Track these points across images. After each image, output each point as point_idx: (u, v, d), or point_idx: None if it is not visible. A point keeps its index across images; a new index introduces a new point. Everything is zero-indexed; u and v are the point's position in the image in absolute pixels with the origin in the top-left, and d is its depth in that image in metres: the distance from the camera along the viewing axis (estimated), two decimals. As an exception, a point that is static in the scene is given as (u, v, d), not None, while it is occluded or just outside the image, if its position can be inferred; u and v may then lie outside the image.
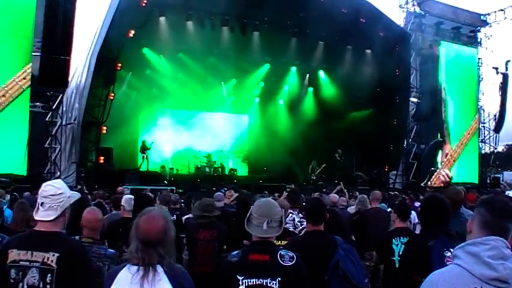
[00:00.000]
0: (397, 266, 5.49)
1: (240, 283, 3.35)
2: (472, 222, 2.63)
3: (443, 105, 28.40)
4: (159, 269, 2.92)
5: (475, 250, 2.41)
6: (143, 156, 23.17)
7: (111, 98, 20.28)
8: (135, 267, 2.91)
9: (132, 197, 7.04)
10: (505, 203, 2.63)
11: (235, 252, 3.55)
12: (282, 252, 3.49)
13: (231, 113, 29.62)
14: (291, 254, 3.50)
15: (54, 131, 20.38)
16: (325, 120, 27.73)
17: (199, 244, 6.38)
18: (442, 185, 25.98)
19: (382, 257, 5.88)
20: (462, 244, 2.50)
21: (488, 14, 32.01)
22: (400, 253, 5.49)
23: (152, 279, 2.86)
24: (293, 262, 3.44)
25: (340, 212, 7.52)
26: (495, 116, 31.57)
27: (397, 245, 5.63)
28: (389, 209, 8.60)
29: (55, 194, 3.47)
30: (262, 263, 3.42)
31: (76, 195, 3.69)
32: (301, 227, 6.53)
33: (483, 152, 32.75)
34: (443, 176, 28.05)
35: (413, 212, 8.38)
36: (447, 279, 2.43)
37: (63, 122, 20.94)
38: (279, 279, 3.37)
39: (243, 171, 28.89)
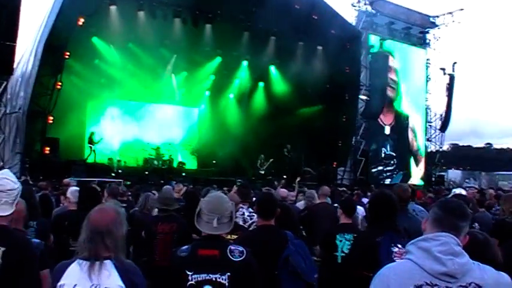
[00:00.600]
0: (339, 261, 5.59)
1: (190, 278, 3.31)
2: (426, 221, 2.70)
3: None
4: (109, 263, 2.87)
5: (426, 245, 2.47)
6: (90, 147, 22.79)
7: (59, 87, 19.84)
8: (84, 262, 2.86)
9: (78, 189, 6.89)
10: (459, 203, 2.72)
11: (185, 247, 3.50)
12: (232, 247, 3.45)
13: (181, 106, 29.50)
14: (240, 248, 3.47)
15: (-3, 120, 19.87)
16: (275, 115, 27.82)
17: (158, 237, 6.31)
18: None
19: (325, 252, 5.91)
20: (414, 240, 2.56)
21: (438, 16, 32.86)
22: (343, 249, 5.60)
23: (99, 271, 2.81)
24: (243, 257, 3.42)
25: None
26: (441, 115, 32.42)
27: (340, 241, 5.67)
28: (336, 205, 8.68)
29: (12, 188, 3.38)
30: (211, 258, 3.38)
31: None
32: (250, 222, 6.50)
33: (429, 150, 33.52)
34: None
35: (361, 208, 8.47)
36: (398, 273, 2.49)
37: (7, 111, 20.38)
38: (229, 274, 3.34)
39: (192, 164, 28.77)
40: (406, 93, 31.01)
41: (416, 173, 31.86)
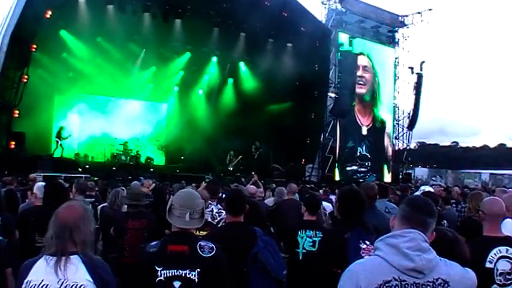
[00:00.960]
0: (300, 258, 5.64)
1: (159, 274, 3.30)
2: (394, 218, 2.75)
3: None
4: (76, 258, 2.88)
5: (394, 242, 2.52)
6: (57, 142, 22.52)
7: (25, 80, 19.50)
8: (51, 257, 2.84)
9: (44, 184, 6.81)
10: (425, 200, 2.78)
11: (154, 242, 3.49)
12: (202, 243, 3.46)
13: (149, 101, 29.29)
14: (210, 244, 3.48)
15: (-41, 113, 19.51)
16: (244, 111, 27.77)
17: (128, 233, 6.30)
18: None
19: (288, 248, 5.95)
20: (383, 237, 2.60)
21: (406, 16, 33.28)
22: (305, 246, 5.65)
23: (65, 266, 2.81)
24: (212, 253, 3.43)
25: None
26: (409, 114, 32.84)
27: (302, 238, 5.71)
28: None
29: None
30: (181, 254, 3.38)
31: None
32: (219, 218, 6.51)
33: (396, 148, 33.91)
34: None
35: (328, 204, 8.55)
36: (367, 269, 2.52)
37: (-28, 104, 20.05)
38: (198, 270, 3.34)
39: (159, 160, 28.63)
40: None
41: (388, 177, 32.31)
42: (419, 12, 32.57)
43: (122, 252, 6.29)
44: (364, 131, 31.11)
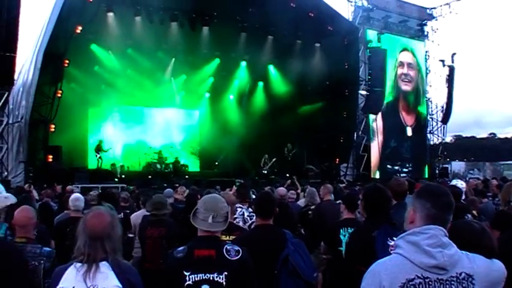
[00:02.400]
0: (344, 256, 5.62)
1: (187, 279, 3.37)
2: (414, 213, 2.67)
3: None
4: (105, 265, 2.95)
5: (415, 239, 2.50)
6: (97, 155, 22.88)
7: (59, 95, 19.93)
8: (81, 264, 2.93)
9: (79, 195, 6.99)
10: (447, 196, 2.69)
11: (181, 248, 3.55)
12: (228, 247, 3.53)
13: (181, 109, 29.53)
14: (236, 248, 3.55)
15: (0, 130, 19.95)
16: (275, 114, 27.83)
17: (147, 242, 6.40)
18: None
19: (330, 247, 5.92)
20: (403, 234, 2.59)
21: (434, 8, 32.79)
22: None
23: (94, 274, 2.88)
24: (239, 256, 3.49)
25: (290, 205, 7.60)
26: (442, 107, 32.33)
27: (344, 236, 5.66)
28: (338, 201, 8.72)
29: None
30: (208, 258, 3.45)
31: (12, 198, 3.63)
32: (250, 222, 6.54)
33: (431, 143, 33.49)
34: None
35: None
36: (389, 268, 2.51)
37: (10, 121, 20.50)
38: (226, 273, 3.41)
39: (194, 166, 28.82)
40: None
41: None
42: (447, 4, 32.09)
43: (144, 259, 6.41)
44: (409, 132, 31.06)
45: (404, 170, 30.40)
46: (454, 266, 2.48)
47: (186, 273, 3.38)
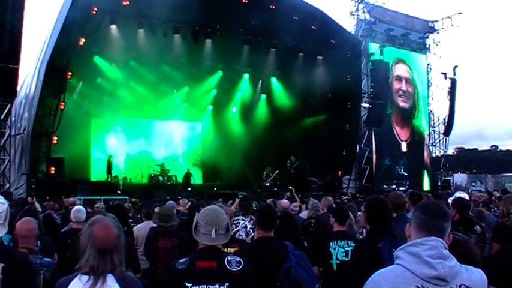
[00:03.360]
0: (335, 269, 5.67)
1: None
2: (409, 227, 2.74)
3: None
4: (111, 277, 2.91)
5: (415, 250, 2.51)
6: (109, 172, 23.23)
7: (62, 107, 19.89)
8: (86, 277, 2.89)
9: (80, 207, 6.99)
10: (438, 205, 2.81)
11: (183, 259, 3.54)
12: (229, 258, 3.51)
13: (184, 121, 29.57)
14: (238, 259, 3.53)
15: (2, 142, 19.99)
16: (278, 126, 27.90)
17: (160, 252, 6.40)
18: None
19: (321, 261, 5.93)
20: (403, 245, 2.60)
21: (436, 21, 32.93)
22: (338, 256, 5.67)
23: (101, 286, 2.85)
24: (240, 267, 3.48)
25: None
26: (444, 120, 32.38)
27: (334, 249, 5.74)
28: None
29: (2, 211, 3.42)
30: (209, 269, 3.43)
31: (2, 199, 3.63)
32: (253, 234, 6.53)
33: (434, 155, 33.47)
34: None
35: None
36: (390, 278, 2.51)
37: (12, 133, 20.53)
38: (227, 284, 3.39)
39: (197, 179, 28.79)
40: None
41: (426, 186, 31.97)
42: (449, 17, 32.26)
43: (154, 271, 6.39)
44: (404, 147, 30.91)
45: (401, 188, 30.16)
46: (454, 278, 2.48)
47: (188, 284, 3.36)
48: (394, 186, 29.44)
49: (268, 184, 25.45)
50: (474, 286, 2.52)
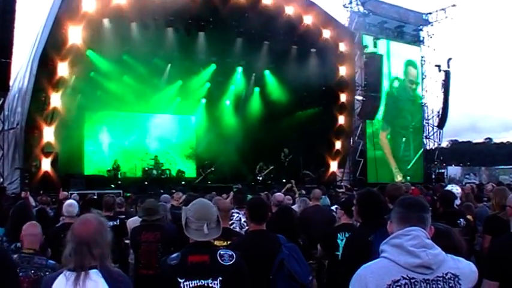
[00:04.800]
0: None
1: (182, 286, 3.36)
2: (390, 224, 2.78)
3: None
4: (95, 272, 2.92)
5: (398, 242, 2.56)
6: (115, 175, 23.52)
7: (55, 101, 19.82)
8: (71, 273, 2.90)
9: (72, 201, 7.00)
10: (415, 198, 2.91)
11: (175, 254, 3.54)
12: (221, 252, 3.52)
13: (177, 115, 29.55)
14: (230, 252, 3.54)
15: (-4, 137, 19.95)
16: (272, 119, 27.92)
17: (142, 246, 6.39)
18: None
19: (327, 252, 5.94)
20: (387, 239, 2.64)
21: (430, 13, 32.89)
22: None
23: (84, 282, 2.86)
24: (233, 261, 3.49)
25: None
26: (438, 112, 32.42)
27: (342, 240, 5.69)
28: (334, 206, 8.73)
29: None
30: (202, 264, 3.44)
31: None
32: (247, 227, 6.55)
33: (427, 148, 33.55)
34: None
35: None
36: (374, 271, 2.56)
37: (5, 127, 20.48)
38: (220, 278, 3.41)
39: (190, 172, 28.80)
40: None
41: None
42: (443, 9, 32.24)
43: (137, 265, 6.40)
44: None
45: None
46: (439, 266, 2.52)
47: (180, 280, 3.37)
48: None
49: (260, 178, 25.49)
50: (461, 274, 2.55)
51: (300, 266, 4.36)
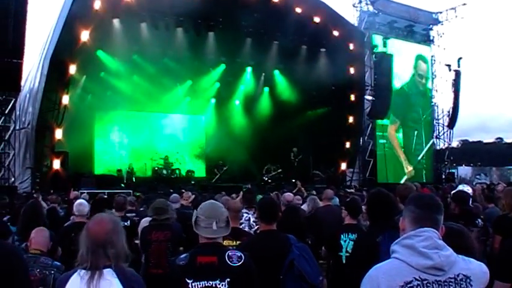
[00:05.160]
0: (344, 261, 5.60)
1: (190, 286, 3.39)
2: (403, 220, 2.74)
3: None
4: (109, 272, 2.95)
5: (410, 242, 2.54)
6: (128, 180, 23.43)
7: (65, 101, 19.90)
8: (85, 272, 2.93)
9: (83, 201, 7.04)
10: (431, 197, 2.80)
11: (183, 255, 3.58)
12: (230, 253, 3.54)
13: (187, 114, 29.59)
14: (239, 253, 3.56)
15: (7, 136, 20.06)
16: (281, 119, 27.87)
17: (152, 245, 6.42)
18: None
19: (331, 252, 5.94)
20: (398, 239, 2.62)
21: (440, 13, 32.73)
22: (348, 249, 5.58)
23: (98, 282, 2.89)
24: (241, 262, 3.50)
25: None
26: (448, 112, 32.25)
27: (345, 241, 5.68)
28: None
29: None
30: (210, 265, 3.46)
31: None
32: (256, 227, 6.56)
33: (438, 148, 33.39)
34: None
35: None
36: (386, 272, 2.54)
37: (17, 127, 20.59)
38: (228, 279, 3.42)
39: (200, 172, 28.83)
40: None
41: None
42: (453, 8, 32.09)
43: (147, 264, 6.42)
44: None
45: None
46: (451, 267, 2.50)
47: (188, 280, 3.40)
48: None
49: (266, 179, 25.51)
50: (473, 275, 2.54)
51: (310, 266, 4.36)
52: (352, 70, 25.51)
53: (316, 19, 23.22)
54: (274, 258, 4.27)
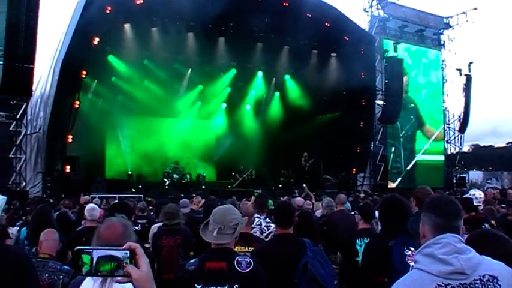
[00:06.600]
0: (360, 266, 5.57)
1: None
2: (423, 226, 2.71)
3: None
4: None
5: (429, 251, 2.51)
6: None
7: (77, 106, 20.01)
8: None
9: (94, 205, 7.04)
10: (451, 204, 2.73)
11: (193, 260, 3.57)
12: (239, 259, 3.51)
13: (198, 119, 29.58)
14: (248, 259, 3.54)
15: (18, 141, 20.17)
16: (292, 124, 27.84)
17: (163, 251, 6.39)
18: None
19: (346, 257, 5.92)
20: (419, 249, 2.59)
21: (451, 17, 32.68)
22: None
23: (110, 284, 2.87)
24: (250, 268, 3.48)
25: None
26: (460, 117, 32.15)
27: (360, 246, 5.65)
28: (353, 212, 8.70)
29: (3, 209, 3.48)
30: (219, 271, 3.45)
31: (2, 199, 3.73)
32: (267, 232, 6.53)
33: (449, 152, 33.26)
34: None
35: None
36: (409, 283, 2.51)
37: (28, 131, 20.69)
38: (237, 285, 3.40)
39: (211, 176, 28.83)
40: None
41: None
42: (464, 13, 32.03)
43: (160, 269, 6.40)
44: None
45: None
46: (475, 270, 2.45)
47: (197, 286, 3.39)
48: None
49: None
50: (500, 275, 2.47)
51: (324, 269, 4.33)
52: (362, 75, 25.46)
53: (327, 24, 23.21)
54: (289, 261, 4.24)
